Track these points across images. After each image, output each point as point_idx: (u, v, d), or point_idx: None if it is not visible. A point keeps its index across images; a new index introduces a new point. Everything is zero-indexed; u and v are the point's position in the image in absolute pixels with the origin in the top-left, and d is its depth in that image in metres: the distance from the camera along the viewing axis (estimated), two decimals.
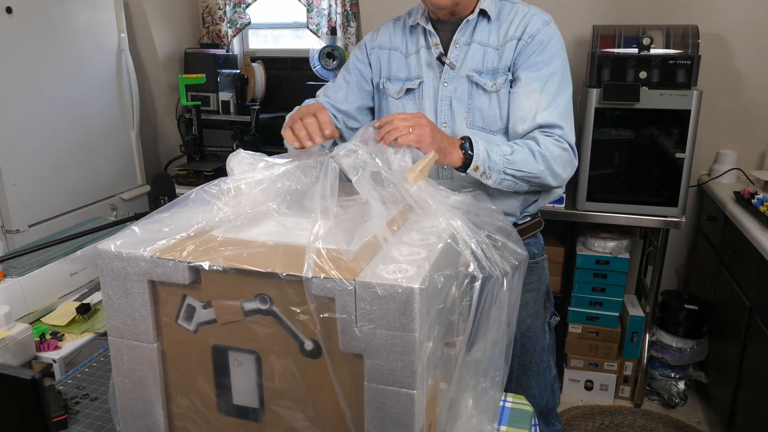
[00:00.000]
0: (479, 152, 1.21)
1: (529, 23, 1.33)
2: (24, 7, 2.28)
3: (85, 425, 1.09)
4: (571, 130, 1.34)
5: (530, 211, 1.47)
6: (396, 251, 0.79)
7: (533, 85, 1.31)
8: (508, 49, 1.33)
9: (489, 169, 1.23)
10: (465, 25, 1.37)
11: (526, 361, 1.51)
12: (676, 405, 2.56)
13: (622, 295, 2.56)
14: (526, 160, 1.26)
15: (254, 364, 0.81)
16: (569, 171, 1.34)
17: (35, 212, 2.42)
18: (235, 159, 0.96)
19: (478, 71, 1.35)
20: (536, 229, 1.51)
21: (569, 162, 1.32)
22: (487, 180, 1.24)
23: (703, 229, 2.71)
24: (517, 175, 1.26)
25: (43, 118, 2.42)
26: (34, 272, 1.51)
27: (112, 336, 0.85)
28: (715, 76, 2.55)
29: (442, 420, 0.90)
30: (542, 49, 1.32)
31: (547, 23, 1.34)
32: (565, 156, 1.31)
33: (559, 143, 1.30)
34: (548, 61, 1.32)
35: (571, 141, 1.32)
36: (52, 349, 1.37)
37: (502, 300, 0.89)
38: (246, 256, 0.78)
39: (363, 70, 1.50)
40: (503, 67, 1.34)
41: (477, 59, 1.35)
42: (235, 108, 3.21)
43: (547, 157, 1.27)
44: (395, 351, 0.72)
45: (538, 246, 1.52)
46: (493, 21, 1.36)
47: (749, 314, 2.03)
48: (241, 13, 3.31)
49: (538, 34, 1.32)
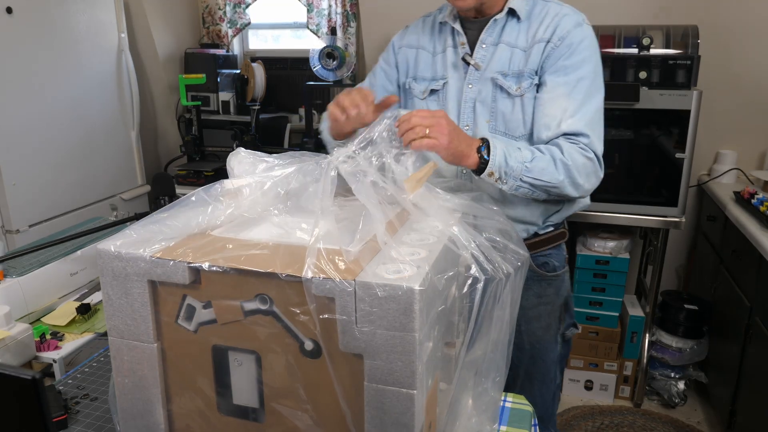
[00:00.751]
0: (495, 157, 1.16)
1: (559, 24, 1.26)
2: (24, 7, 2.28)
3: (85, 425, 1.09)
4: (599, 138, 1.26)
5: (553, 221, 1.41)
6: (396, 252, 0.79)
7: (560, 90, 1.25)
8: (536, 51, 1.27)
9: (505, 175, 1.17)
10: (492, 25, 1.31)
11: (532, 371, 1.47)
12: (676, 405, 2.56)
13: (622, 295, 2.56)
14: (546, 169, 1.19)
15: (254, 364, 0.81)
16: (593, 182, 1.26)
17: (35, 212, 2.42)
18: (235, 158, 0.96)
19: (504, 73, 1.29)
20: (559, 240, 1.44)
21: (593, 172, 1.25)
22: (502, 186, 1.19)
23: (703, 229, 2.71)
24: (535, 184, 1.20)
25: (43, 118, 2.42)
26: (34, 272, 1.51)
27: (112, 336, 0.85)
28: (715, 76, 2.55)
29: (442, 420, 0.90)
30: (571, 53, 1.25)
31: (578, 24, 1.27)
32: (590, 166, 1.23)
33: (584, 152, 1.22)
34: (577, 65, 1.25)
35: (597, 150, 1.25)
36: (52, 349, 1.37)
37: (503, 301, 0.89)
38: (246, 256, 0.78)
39: (389, 72, 1.47)
40: (529, 71, 1.28)
41: (503, 61, 1.30)
42: (235, 108, 3.21)
43: (570, 167, 1.20)
44: (395, 351, 0.72)
45: (559, 258, 1.45)
46: (523, 21, 1.30)
47: (749, 314, 2.03)
48: (241, 13, 3.31)
49: (568, 37, 1.25)
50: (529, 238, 1.39)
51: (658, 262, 2.48)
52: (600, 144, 1.26)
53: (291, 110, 3.35)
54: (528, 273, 1.37)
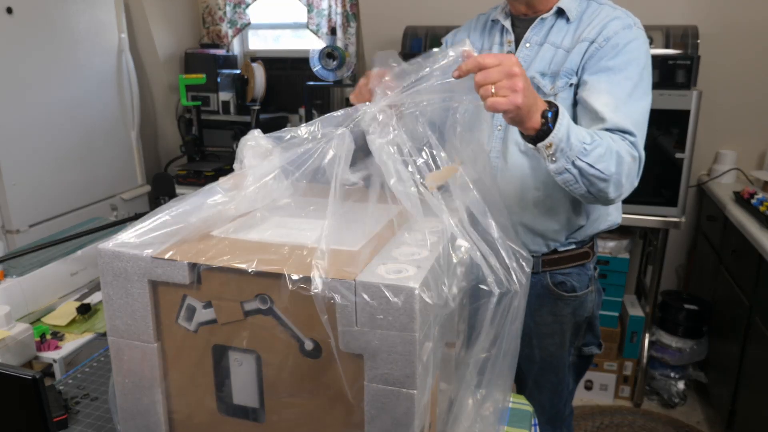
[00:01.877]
0: (561, 129, 1.00)
1: (608, 26, 1.19)
2: (24, 7, 2.28)
3: (85, 425, 1.09)
4: (643, 139, 1.16)
5: (576, 238, 1.33)
6: (396, 251, 0.79)
7: (602, 86, 1.16)
8: (577, 51, 1.20)
9: (560, 152, 1.02)
10: (539, 24, 1.27)
11: (542, 381, 1.42)
12: (676, 405, 2.56)
13: (621, 295, 2.56)
14: (603, 156, 1.05)
15: (254, 364, 0.81)
16: (630, 185, 1.14)
17: (35, 212, 2.42)
18: (248, 146, 0.92)
19: (543, 73, 1.23)
20: (581, 260, 1.35)
21: (636, 174, 1.14)
22: (550, 163, 1.04)
23: (702, 229, 2.71)
24: (586, 171, 1.05)
25: (43, 118, 2.42)
26: (34, 272, 1.51)
27: (112, 336, 0.85)
28: (715, 76, 2.55)
29: (442, 420, 0.90)
30: (616, 54, 1.16)
31: (628, 27, 1.19)
32: (634, 167, 1.12)
33: (631, 150, 1.11)
34: (622, 66, 1.16)
35: (642, 154, 1.14)
36: (53, 349, 1.37)
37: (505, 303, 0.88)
38: (246, 256, 0.78)
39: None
40: (566, 70, 1.21)
41: (545, 61, 1.24)
42: (235, 108, 3.22)
43: (623, 161, 1.09)
44: (395, 351, 0.72)
45: (581, 279, 1.35)
46: (573, 21, 1.24)
47: (749, 314, 2.03)
48: (241, 14, 3.31)
49: (614, 37, 1.18)
50: (548, 254, 1.33)
51: (658, 262, 2.48)
52: (642, 147, 1.16)
53: (291, 110, 3.35)
54: (542, 291, 1.36)
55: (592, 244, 1.39)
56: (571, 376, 1.46)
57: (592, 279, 1.39)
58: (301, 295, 0.74)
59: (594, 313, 1.42)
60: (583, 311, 1.39)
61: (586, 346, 1.45)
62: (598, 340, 1.47)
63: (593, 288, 1.40)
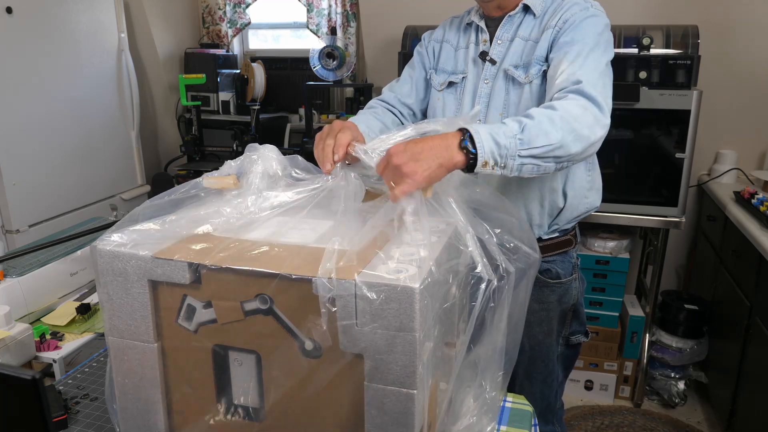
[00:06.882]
0: (483, 144, 0.98)
1: (567, 11, 1.27)
2: (24, 7, 2.28)
3: (85, 425, 1.09)
4: (596, 84, 1.13)
5: (558, 224, 1.38)
6: (397, 251, 0.79)
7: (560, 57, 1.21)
8: (544, 38, 1.29)
9: (501, 159, 1.01)
10: (508, 21, 1.35)
11: (532, 371, 1.47)
12: (676, 405, 2.56)
13: (622, 295, 2.56)
14: (540, 133, 1.03)
15: (254, 364, 0.81)
16: (597, 131, 1.09)
17: (35, 212, 2.42)
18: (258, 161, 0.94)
19: (516, 65, 1.32)
20: (564, 247, 1.41)
21: (595, 121, 1.09)
22: (503, 171, 1.03)
23: (703, 229, 2.71)
24: (537, 154, 1.03)
25: (43, 118, 2.42)
26: (34, 272, 1.51)
27: (112, 336, 0.85)
28: (715, 76, 2.55)
29: (442, 420, 0.90)
30: (573, 29, 1.23)
31: (584, 9, 1.26)
32: (589, 114, 1.09)
33: (576, 100, 1.10)
34: (578, 39, 1.21)
35: (593, 93, 1.11)
36: (52, 349, 1.37)
37: (504, 301, 0.89)
38: (246, 256, 0.78)
39: (426, 63, 1.50)
40: (537, 58, 1.28)
41: (517, 54, 1.32)
42: (235, 108, 3.22)
43: (566, 119, 1.06)
44: (395, 351, 0.72)
45: (564, 266, 1.41)
46: (539, 16, 1.32)
47: (749, 314, 2.03)
48: (241, 13, 3.31)
49: (571, 18, 1.25)
50: None
51: (658, 262, 2.48)
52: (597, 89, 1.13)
53: (291, 110, 3.36)
54: None
55: (574, 232, 1.45)
56: (560, 367, 1.51)
57: (575, 266, 1.45)
58: (301, 295, 0.74)
59: (579, 300, 1.47)
60: (568, 298, 1.44)
61: (573, 335, 1.49)
62: (584, 327, 1.51)
63: (576, 275, 1.45)
